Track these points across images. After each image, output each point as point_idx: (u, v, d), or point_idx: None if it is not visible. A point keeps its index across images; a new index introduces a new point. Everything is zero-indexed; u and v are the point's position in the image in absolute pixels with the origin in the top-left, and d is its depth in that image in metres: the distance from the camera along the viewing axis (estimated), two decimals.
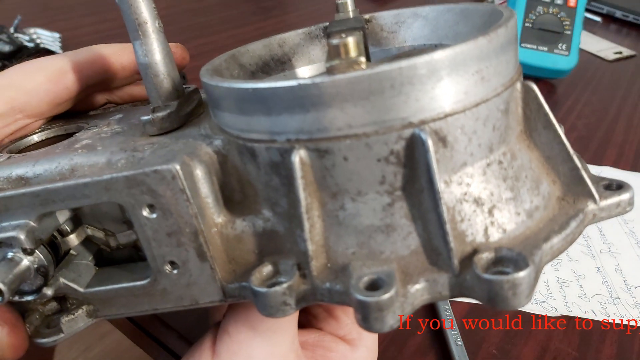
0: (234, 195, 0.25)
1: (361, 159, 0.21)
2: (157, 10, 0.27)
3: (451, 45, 0.20)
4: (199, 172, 0.23)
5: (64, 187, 0.23)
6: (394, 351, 0.40)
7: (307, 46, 0.33)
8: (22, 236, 0.23)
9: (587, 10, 1.04)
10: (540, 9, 0.79)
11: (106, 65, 0.32)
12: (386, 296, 0.19)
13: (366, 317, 0.19)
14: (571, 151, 0.25)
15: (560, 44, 0.79)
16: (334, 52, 0.19)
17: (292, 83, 0.20)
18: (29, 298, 0.25)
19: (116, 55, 0.33)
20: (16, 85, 0.30)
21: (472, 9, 0.29)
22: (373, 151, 0.20)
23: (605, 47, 0.97)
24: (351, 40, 0.19)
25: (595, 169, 0.64)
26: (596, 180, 0.25)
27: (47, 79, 0.30)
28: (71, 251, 0.27)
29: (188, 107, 0.28)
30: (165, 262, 0.24)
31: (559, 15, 0.79)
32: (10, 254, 0.23)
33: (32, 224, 0.24)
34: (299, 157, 0.21)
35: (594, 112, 0.77)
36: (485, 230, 0.22)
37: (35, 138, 0.32)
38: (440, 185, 0.20)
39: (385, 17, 0.33)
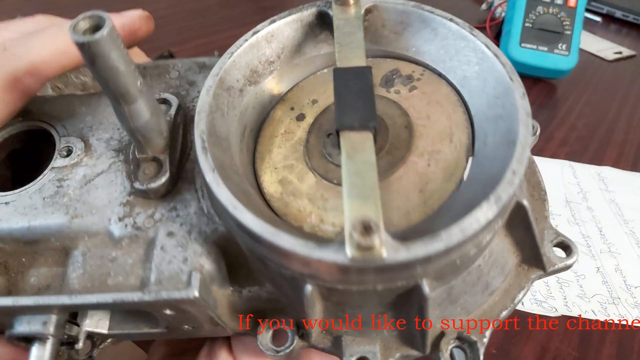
0: (236, 261, 0.26)
1: (367, 298, 0.23)
2: (137, 70, 0.23)
3: (471, 225, 0.20)
4: (210, 272, 0.25)
5: (92, 304, 0.24)
6: None
7: (297, 37, 0.29)
8: (52, 330, 0.24)
9: (587, 10, 1.04)
10: (540, 8, 0.79)
11: (71, 61, 0.28)
12: None
13: None
14: (539, 244, 0.27)
15: (560, 44, 0.79)
16: (355, 243, 0.19)
17: (314, 255, 0.20)
18: (63, 348, 0.26)
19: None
20: None
21: (490, 65, 0.25)
22: (378, 296, 0.23)
23: (605, 47, 0.97)
24: (377, 244, 0.19)
25: (595, 169, 0.64)
26: (550, 237, 0.28)
27: (1, 89, 0.26)
28: None
29: (176, 152, 0.27)
30: (182, 325, 0.26)
31: (559, 15, 0.79)
32: (40, 336, 0.25)
33: (58, 316, 0.25)
34: (311, 288, 0.22)
35: (594, 112, 0.76)
36: (454, 316, 0.26)
37: None
38: (430, 314, 0.23)
39: (389, 11, 0.28)
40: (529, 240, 0.27)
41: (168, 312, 0.24)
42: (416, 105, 0.27)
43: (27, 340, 0.25)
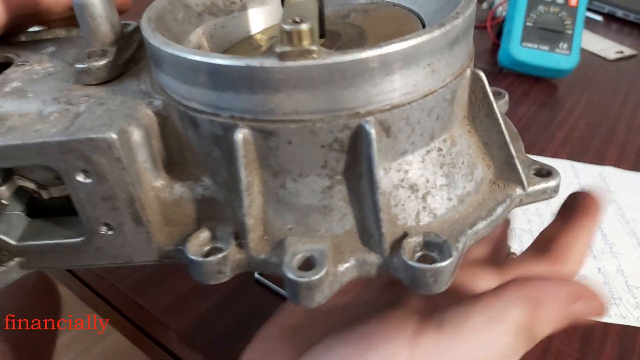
0: (172, 157, 0.24)
1: (305, 144, 0.21)
2: None
3: (409, 37, 0.20)
4: (137, 138, 0.23)
5: None
6: None
7: None
8: None
9: (588, 9, 1.03)
10: (541, 8, 0.79)
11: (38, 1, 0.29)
12: (316, 277, 0.20)
13: (296, 294, 0.20)
14: (508, 140, 0.25)
15: (561, 44, 0.79)
16: (286, 39, 0.19)
17: (239, 63, 0.19)
18: None
19: None
20: None
21: None
22: (318, 138, 0.21)
23: (606, 47, 0.97)
24: (305, 28, 0.19)
25: (596, 169, 0.63)
26: (528, 164, 0.26)
27: None
28: (2, 201, 0.25)
29: (127, 53, 0.27)
30: (100, 224, 0.24)
31: (560, 15, 0.79)
32: None
33: None
34: (242, 135, 0.21)
35: (596, 112, 0.76)
36: (417, 214, 0.22)
37: None
38: (379, 174, 0.21)
39: None
40: (496, 135, 0.25)
41: (81, 177, 0.22)
42: (369, 22, 0.29)
43: None
